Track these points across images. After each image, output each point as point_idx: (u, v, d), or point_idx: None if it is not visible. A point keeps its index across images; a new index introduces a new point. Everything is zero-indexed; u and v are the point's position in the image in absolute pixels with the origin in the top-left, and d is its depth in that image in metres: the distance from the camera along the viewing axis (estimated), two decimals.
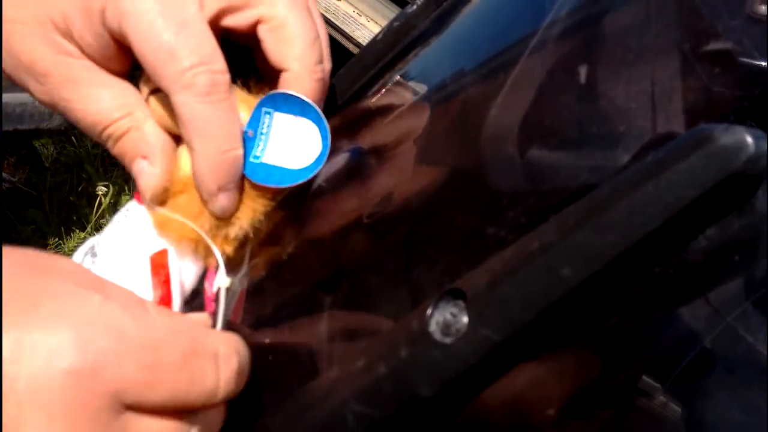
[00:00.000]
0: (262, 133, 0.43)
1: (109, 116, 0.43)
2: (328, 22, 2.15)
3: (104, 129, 0.43)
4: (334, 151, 0.45)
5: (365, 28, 2.13)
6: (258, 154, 0.43)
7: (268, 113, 0.43)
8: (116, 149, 0.44)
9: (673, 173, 0.28)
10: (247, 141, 0.42)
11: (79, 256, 0.44)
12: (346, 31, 2.15)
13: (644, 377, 0.35)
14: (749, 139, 0.28)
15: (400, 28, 0.50)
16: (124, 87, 0.44)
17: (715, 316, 0.35)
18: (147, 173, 0.43)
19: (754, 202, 0.29)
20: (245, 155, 0.42)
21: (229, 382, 0.36)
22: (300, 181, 0.43)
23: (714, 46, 0.40)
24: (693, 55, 0.41)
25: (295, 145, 0.44)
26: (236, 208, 0.43)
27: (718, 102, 0.39)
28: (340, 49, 2.14)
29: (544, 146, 0.41)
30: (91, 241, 0.44)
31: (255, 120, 0.43)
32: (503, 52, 0.48)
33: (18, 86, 0.45)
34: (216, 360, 0.36)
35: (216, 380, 0.36)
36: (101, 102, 0.43)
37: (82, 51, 0.43)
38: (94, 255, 0.43)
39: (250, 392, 0.38)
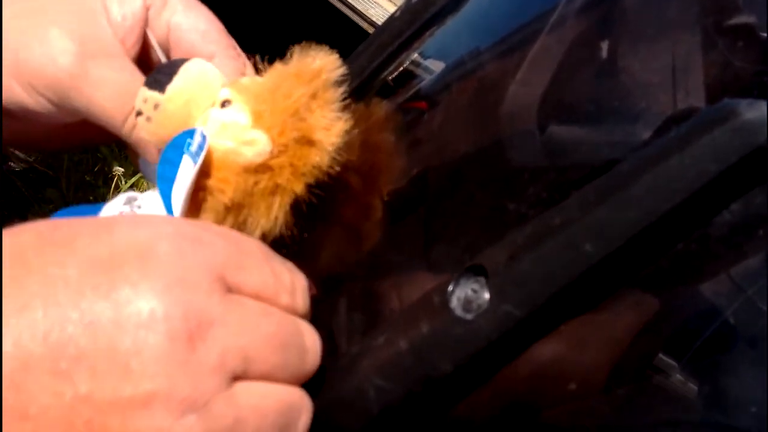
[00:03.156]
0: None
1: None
2: (342, 1, 2.14)
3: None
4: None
5: (379, 6, 2.12)
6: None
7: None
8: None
9: (697, 148, 0.28)
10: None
11: (116, 205, 0.42)
12: (360, 9, 2.13)
13: (661, 355, 0.35)
14: None
15: (418, 5, 0.50)
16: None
17: (736, 290, 0.35)
18: None
19: None
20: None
21: (294, 293, 0.36)
22: None
23: (735, 20, 0.40)
24: (714, 30, 0.40)
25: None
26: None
27: (739, 77, 0.39)
28: (353, 27, 2.13)
29: (565, 122, 0.41)
30: (128, 195, 0.43)
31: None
32: (522, 29, 0.48)
33: None
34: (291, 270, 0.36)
35: (292, 281, 0.36)
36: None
37: None
38: (138, 207, 0.42)
39: None
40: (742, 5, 0.41)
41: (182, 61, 0.41)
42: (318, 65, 0.39)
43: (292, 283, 0.36)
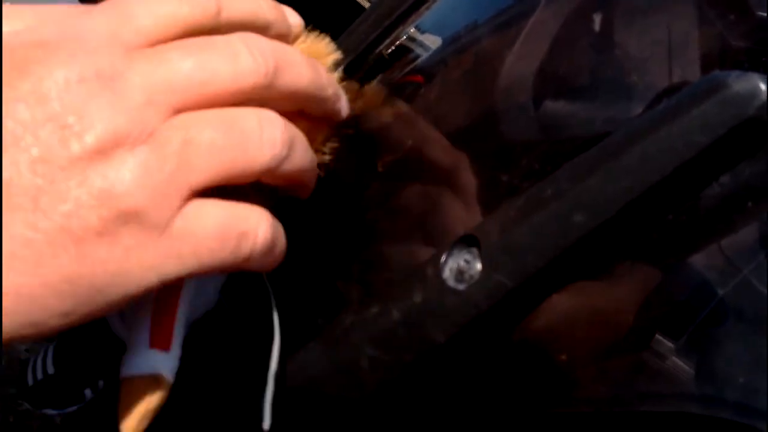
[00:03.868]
0: None
1: None
2: None
3: None
4: None
5: None
6: None
7: None
8: None
9: (686, 120, 0.28)
10: None
11: None
12: None
13: (657, 335, 0.35)
14: (763, 86, 0.28)
15: None
16: None
17: (731, 268, 0.35)
18: None
19: None
20: None
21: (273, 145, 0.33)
22: None
23: None
24: (708, 4, 0.40)
25: None
26: None
27: (733, 52, 0.39)
28: (350, 1, 2.12)
29: (559, 97, 0.41)
30: None
31: None
32: (518, 3, 0.48)
33: None
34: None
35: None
36: None
37: None
38: None
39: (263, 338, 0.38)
40: None
41: None
42: (316, 49, 0.39)
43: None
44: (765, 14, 0.39)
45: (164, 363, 0.35)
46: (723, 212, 0.31)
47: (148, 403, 0.34)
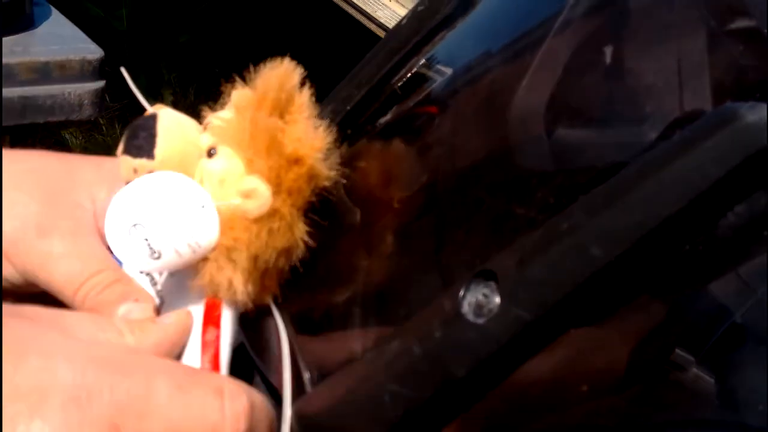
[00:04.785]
0: None
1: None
2: (349, 3, 2.14)
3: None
4: (363, 135, 0.46)
5: (387, 8, 2.13)
6: None
7: None
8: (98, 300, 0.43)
9: (699, 152, 0.29)
10: None
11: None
12: (368, 11, 2.14)
13: (678, 351, 0.35)
14: None
15: (425, 12, 0.51)
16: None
17: (746, 290, 0.35)
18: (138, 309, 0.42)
19: None
20: None
21: (238, 420, 0.35)
22: None
23: (742, 22, 0.40)
24: (720, 30, 0.41)
25: None
26: None
27: (747, 77, 0.39)
28: (361, 30, 2.13)
29: (571, 126, 0.42)
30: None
31: None
32: (528, 33, 0.48)
33: (47, 79, 0.45)
34: (221, 395, 0.36)
35: (221, 416, 0.35)
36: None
37: None
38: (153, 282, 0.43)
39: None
40: (748, 6, 0.41)
41: (153, 118, 0.40)
42: (275, 79, 0.40)
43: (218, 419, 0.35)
44: None
45: None
46: (739, 242, 0.31)
47: None
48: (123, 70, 0.45)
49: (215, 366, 0.39)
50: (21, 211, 0.43)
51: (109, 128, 2.39)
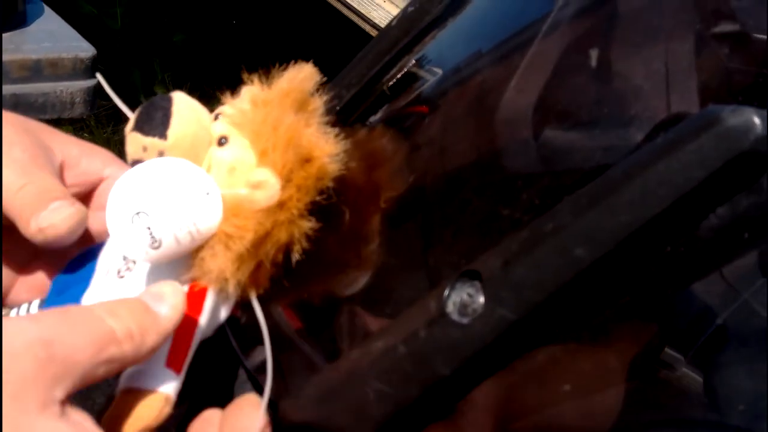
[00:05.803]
0: None
1: None
2: (343, 3, 2.14)
3: None
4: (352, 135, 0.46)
5: (381, 8, 2.13)
6: None
7: None
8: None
9: (682, 154, 0.29)
10: None
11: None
12: (362, 12, 2.14)
13: (667, 349, 0.35)
14: (756, 120, 0.28)
15: (415, 13, 0.51)
16: None
17: (732, 292, 0.35)
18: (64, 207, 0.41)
19: (763, 181, 0.30)
20: None
21: None
22: None
23: (728, 25, 0.41)
24: (707, 34, 0.41)
25: None
26: None
27: (733, 79, 0.39)
28: (355, 30, 2.13)
29: (558, 128, 0.42)
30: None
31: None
32: (517, 35, 0.49)
33: (39, 76, 0.45)
34: None
35: None
36: None
37: None
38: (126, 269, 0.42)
39: (275, 376, 0.39)
40: (735, 10, 0.42)
41: (168, 99, 0.40)
42: (299, 81, 0.40)
43: None
44: (762, 38, 0.40)
45: (174, 384, 0.36)
46: (721, 243, 0.32)
47: (151, 420, 0.35)
48: (99, 76, 0.45)
49: (180, 355, 0.39)
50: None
51: (98, 127, 2.39)
